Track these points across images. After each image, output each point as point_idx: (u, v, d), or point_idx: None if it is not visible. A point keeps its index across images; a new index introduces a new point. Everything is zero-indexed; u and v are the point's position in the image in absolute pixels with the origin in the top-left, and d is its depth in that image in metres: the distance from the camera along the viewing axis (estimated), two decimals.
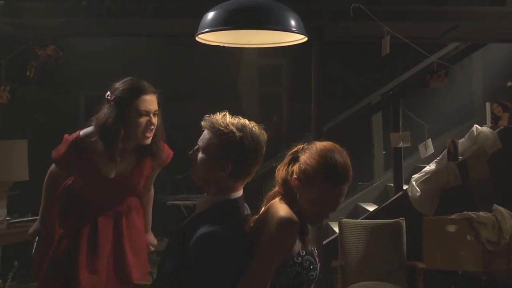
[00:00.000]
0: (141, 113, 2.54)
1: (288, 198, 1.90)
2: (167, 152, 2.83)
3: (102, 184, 2.62)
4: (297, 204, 1.90)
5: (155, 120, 2.59)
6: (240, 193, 1.93)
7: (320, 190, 1.86)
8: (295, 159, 1.96)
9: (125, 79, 2.59)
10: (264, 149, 1.91)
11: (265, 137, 1.91)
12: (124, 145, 2.59)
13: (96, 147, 2.56)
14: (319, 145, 1.93)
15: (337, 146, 1.93)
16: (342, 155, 1.90)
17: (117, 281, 2.64)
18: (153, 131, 2.60)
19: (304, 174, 1.88)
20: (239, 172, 1.88)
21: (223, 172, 1.86)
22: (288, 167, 1.96)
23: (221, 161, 1.85)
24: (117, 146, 2.55)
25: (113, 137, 2.53)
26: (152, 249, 3.03)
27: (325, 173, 1.85)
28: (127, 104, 2.51)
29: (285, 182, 1.93)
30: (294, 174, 1.91)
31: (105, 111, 2.55)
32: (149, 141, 2.61)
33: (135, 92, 2.53)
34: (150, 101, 2.55)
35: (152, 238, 3.02)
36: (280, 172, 1.97)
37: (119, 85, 2.56)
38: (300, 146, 1.99)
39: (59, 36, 4.61)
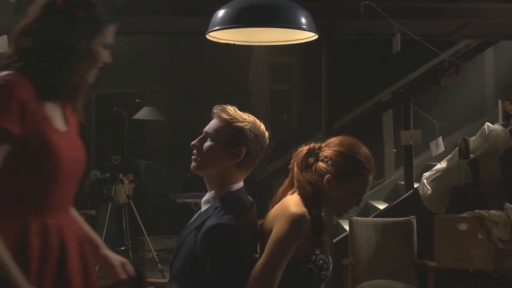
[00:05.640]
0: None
1: (313, 199, 1.89)
2: None
3: None
4: (324, 202, 1.92)
5: None
6: (241, 183, 1.99)
7: (354, 182, 1.91)
8: (313, 160, 1.95)
9: None
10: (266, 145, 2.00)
11: (268, 135, 2.00)
12: None
13: None
14: (338, 140, 1.97)
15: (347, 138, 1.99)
16: (362, 146, 1.96)
17: None
18: None
19: (337, 169, 1.90)
20: (247, 162, 1.94)
21: (232, 161, 1.91)
22: (308, 168, 1.95)
23: (234, 148, 1.90)
24: None
25: None
26: None
27: (359, 165, 1.91)
28: None
29: (312, 184, 1.91)
30: (327, 173, 1.90)
31: None
32: None
33: None
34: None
35: None
36: (306, 176, 1.93)
37: None
38: (307, 147, 1.99)
39: None
